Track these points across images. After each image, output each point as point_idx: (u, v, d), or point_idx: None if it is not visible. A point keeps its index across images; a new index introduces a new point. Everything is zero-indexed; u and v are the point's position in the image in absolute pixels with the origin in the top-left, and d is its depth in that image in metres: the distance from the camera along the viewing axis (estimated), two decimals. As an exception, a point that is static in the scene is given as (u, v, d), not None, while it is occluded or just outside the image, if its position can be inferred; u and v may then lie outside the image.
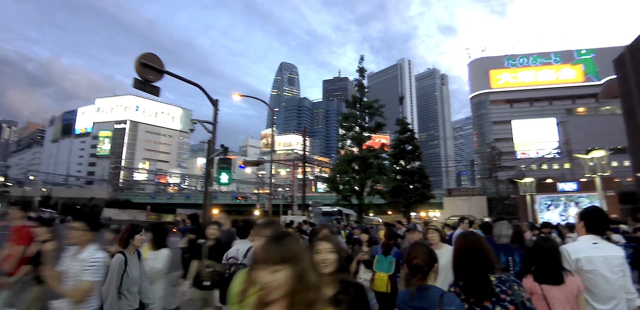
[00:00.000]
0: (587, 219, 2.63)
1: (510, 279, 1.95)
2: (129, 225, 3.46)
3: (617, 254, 2.49)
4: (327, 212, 23.13)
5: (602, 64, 70.88)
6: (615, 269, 2.41)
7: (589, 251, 2.45)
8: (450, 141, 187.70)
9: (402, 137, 26.03)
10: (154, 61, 9.32)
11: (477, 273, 1.93)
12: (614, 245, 2.75)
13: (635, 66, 33.62)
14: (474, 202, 41.40)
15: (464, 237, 2.13)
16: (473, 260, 1.97)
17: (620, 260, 2.47)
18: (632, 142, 34.44)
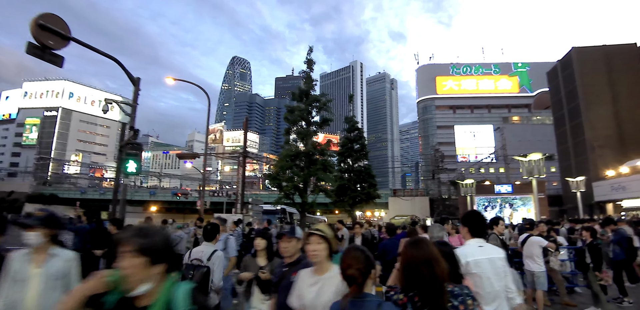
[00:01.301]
0: (470, 224, 2.71)
1: (463, 293, 1.79)
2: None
3: (500, 256, 2.59)
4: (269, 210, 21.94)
5: (535, 77, 77.02)
6: (499, 270, 2.51)
7: (476, 254, 2.51)
8: (397, 144, 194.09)
9: (350, 135, 25.57)
10: (57, 24, 7.63)
11: (431, 283, 1.72)
12: (497, 247, 2.78)
13: (565, 79, 36.27)
14: (418, 202, 42.44)
15: (414, 242, 1.88)
16: (426, 269, 1.74)
17: (503, 261, 2.58)
18: (560, 149, 37.17)
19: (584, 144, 32.43)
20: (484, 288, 2.44)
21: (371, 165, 26.95)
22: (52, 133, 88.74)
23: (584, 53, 34.51)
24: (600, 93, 32.47)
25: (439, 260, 1.79)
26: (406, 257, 1.84)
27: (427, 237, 4.84)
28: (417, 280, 1.75)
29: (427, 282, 1.73)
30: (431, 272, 1.74)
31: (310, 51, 18.72)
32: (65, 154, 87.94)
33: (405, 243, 1.94)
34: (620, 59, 33.11)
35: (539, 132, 61.53)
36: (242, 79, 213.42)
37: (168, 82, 14.85)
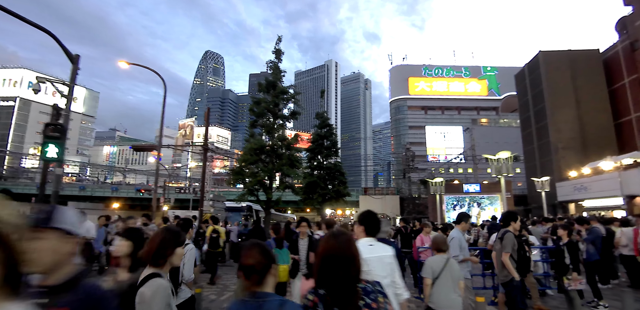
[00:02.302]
0: (366, 223, 2.78)
1: (375, 290, 1.72)
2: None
3: (388, 254, 2.68)
4: (234, 207, 20.90)
5: (503, 81, 79.46)
6: (386, 267, 2.62)
7: (366, 253, 2.43)
8: (370, 143, 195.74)
9: (320, 132, 24.84)
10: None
11: (345, 281, 1.63)
12: (385, 245, 2.80)
13: (532, 82, 37.14)
14: (388, 201, 42.37)
15: (334, 238, 1.75)
16: (342, 266, 1.64)
17: (390, 259, 2.67)
18: (526, 150, 38.06)
19: (549, 146, 33.29)
20: None
21: (341, 163, 26.34)
22: (8, 124, 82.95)
23: (550, 57, 35.42)
24: (564, 96, 33.39)
25: (356, 257, 1.69)
26: (322, 252, 1.72)
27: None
28: (331, 277, 1.64)
29: (340, 279, 1.63)
30: (346, 269, 1.65)
31: (279, 41, 17.79)
32: (23, 147, 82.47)
33: (324, 237, 1.81)
34: (584, 64, 34.19)
35: (505, 134, 63.33)
36: (215, 74, 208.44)
37: (121, 66, 13.57)
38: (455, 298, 3.60)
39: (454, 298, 3.60)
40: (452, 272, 3.67)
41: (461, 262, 4.91)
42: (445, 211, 27.75)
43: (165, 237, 1.96)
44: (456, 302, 3.60)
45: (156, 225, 9.33)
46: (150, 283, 1.84)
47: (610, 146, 31.00)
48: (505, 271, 4.50)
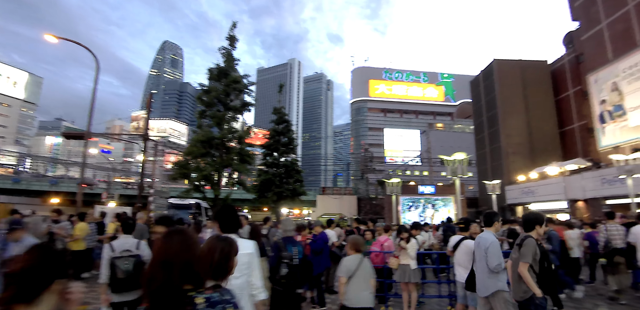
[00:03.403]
0: (221, 219, 2.65)
1: (223, 299, 1.46)
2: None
3: (247, 252, 2.50)
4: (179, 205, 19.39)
5: (459, 88, 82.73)
6: (242, 266, 2.42)
7: None
8: (331, 143, 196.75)
9: (277, 127, 23.84)
10: None
11: (170, 290, 1.35)
12: (246, 242, 2.60)
13: (486, 88, 38.45)
14: (346, 201, 42.14)
15: (167, 238, 1.49)
16: (175, 272, 1.37)
17: (248, 257, 2.50)
18: (478, 154, 39.35)
19: (500, 150, 34.57)
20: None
21: (298, 160, 25.48)
22: None
23: (503, 65, 36.86)
24: (515, 103, 34.86)
25: (196, 261, 1.45)
26: (154, 257, 1.45)
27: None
28: (159, 287, 1.34)
29: (169, 290, 1.35)
30: (182, 276, 1.37)
31: (234, 27, 16.53)
32: (-45, 135, 74.01)
33: (160, 236, 1.56)
34: (533, 74, 35.93)
35: (459, 139, 65.66)
36: (173, 66, 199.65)
37: (49, 40, 11.78)
38: (368, 295, 3.83)
39: (367, 295, 3.83)
40: (365, 270, 3.88)
41: (501, 271, 3.99)
42: (401, 212, 27.78)
43: (224, 248, 1.84)
44: (369, 299, 3.84)
45: (69, 221, 7.93)
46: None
47: (555, 152, 32.71)
48: (524, 286, 3.58)
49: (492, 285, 3.98)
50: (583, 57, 30.26)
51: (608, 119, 26.01)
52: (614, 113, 25.51)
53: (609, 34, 26.32)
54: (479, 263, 4.16)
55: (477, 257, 4.20)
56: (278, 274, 3.98)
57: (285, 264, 3.99)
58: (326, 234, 6.61)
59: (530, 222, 3.81)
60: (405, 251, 5.61)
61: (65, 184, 50.47)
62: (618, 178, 17.45)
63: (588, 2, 28.40)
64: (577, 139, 32.13)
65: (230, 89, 15.07)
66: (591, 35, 28.06)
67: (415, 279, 5.57)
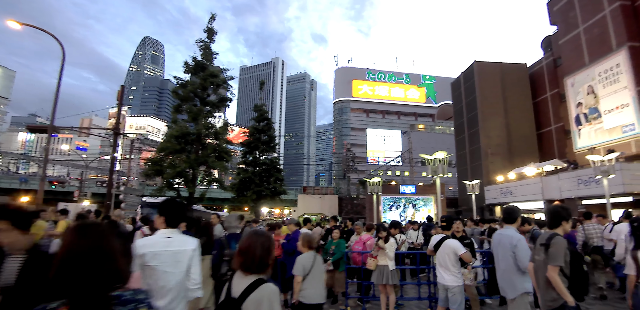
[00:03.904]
0: (166, 213, 2.55)
1: (137, 299, 1.35)
2: None
3: (187, 248, 2.47)
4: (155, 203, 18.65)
5: (440, 90, 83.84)
6: (181, 264, 2.41)
7: (158, 246, 2.38)
8: (314, 143, 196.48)
9: (258, 125, 23.30)
10: None
11: (92, 288, 1.25)
12: (189, 238, 2.58)
13: (466, 90, 38.87)
14: (327, 200, 41.91)
15: (78, 232, 1.37)
16: (87, 268, 1.27)
17: (189, 254, 2.47)
18: (458, 154, 39.74)
19: (479, 151, 34.98)
20: (157, 282, 2.30)
21: (278, 159, 25.02)
22: None
23: (483, 67, 37.35)
24: (494, 105, 35.35)
25: (111, 256, 1.33)
26: (62, 252, 1.32)
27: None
28: (74, 283, 1.24)
29: (82, 285, 1.24)
30: (95, 273, 1.27)
31: (212, 19, 15.92)
32: None
33: (67, 230, 1.44)
34: (513, 76, 36.55)
35: (440, 140, 66.42)
36: (153, 62, 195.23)
37: (11, 26, 10.98)
38: (322, 291, 3.93)
39: (322, 291, 3.91)
40: (319, 267, 3.95)
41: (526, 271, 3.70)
42: (382, 212, 27.69)
43: (264, 243, 1.91)
44: (323, 295, 3.92)
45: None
46: (264, 288, 1.81)
47: (533, 154, 33.34)
48: (554, 293, 3.01)
49: (520, 286, 3.70)
50: (561, 60, 30.90)
51: (584, 122, 26.60)
52: (590, 116, 26.10)
53: (585, 38, 26.92)
54: (504, 262, 3.82)
55: (501, 255, 3.87)
56: (219, 272, 3.93)
57: (227, 261, 3.91)
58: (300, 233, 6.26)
59: (556, 217, 3.23)
60: (384, 251, 5.31)
61: (36, 181, 48.39)
62: (593, 179, 17.76)
63: (566, 7, 28.99)
64: (554, 140, 32.82)
65: (207, 83, 14.47)
66: (569, 39, 28.66)
67: (393, 281, 5.26)
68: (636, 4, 24.19)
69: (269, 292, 1.80)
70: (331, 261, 5.84)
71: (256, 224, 7.88)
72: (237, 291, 1.83)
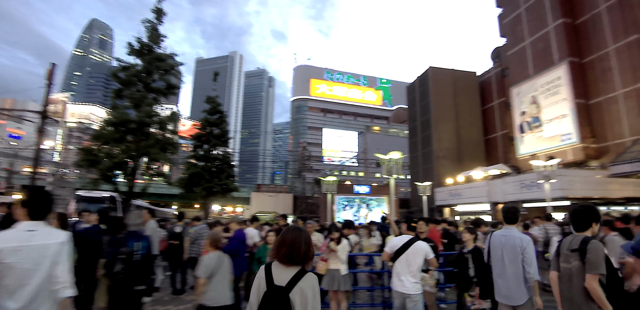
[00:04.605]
0: (30, 205, 2.29)
1: None
2: None
3: (53, 242, 2.25)
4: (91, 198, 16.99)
5: (395, 94, 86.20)
6: (45, 259, 2.18)
7: (16, 241, 2.13)
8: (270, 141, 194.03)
9: (210, 118, 22.07)
10: None
11: None
12: (59, 230, 2.37)
13: (421, 94, 39.96)
14: (281, 199, 41.12)
15: None
16: None
17: (56, 248, 2.24)
18: (412, 157, 40.75)
19: (431, 154, 36.08)
20: (15, 280, 2.08)
21: (230, 153, 23.94)
22: None
23: (437, 73, 38.63)
24: (446, 110, 36.66)
25: None
26: None
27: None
28: None
29: None
30: None
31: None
32: None
33: None
34: (463, 83, 38.17)
35: (394, 142, 68.04)
36: (101, 47, 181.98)
37: None
38: (229, 293, 3.80)
39: (228, 293, 3.79)
40: (225, 268, 3.85)
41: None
42: (335, 211, 27.53)
43: (307, 238, 2.08)
44: (229, 297, 3.81)
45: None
46: (309, 277, 1.97)
47: (480, 158, 34.95)
48: (594, 306, 2.57)
49: (527, 291, 3.50)
50: (508, 71, 32.60)
51: (527, 129, 28.21)
52: (532, 124, 27.72)
53: (531, 51, 28.57)
54: (511, 266, 3.57)
55: (508, 259, 3.60)
56: (113, 270, 3.81)
57: (121, 259, 3.79)
58: (244, 233, 5.62)
59: (585, 218, 2.78)
60: (335, 254, 4.84)
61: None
62: (535, 183, 18.72)
63: (515, 21, 30.63)
64: (499, 146, 34.61)
65: (152, 67, 13.19)
66: (515, 52, 30.29)
67: (345, 287, 4.79)
68: (577, 23, 26.01)
69: (312, 281, 1.97)
70: None
71: (198, 223, 7.12)
72: (281, 280, 1.95)
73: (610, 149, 22.53)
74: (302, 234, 2.07)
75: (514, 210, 3.79)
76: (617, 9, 23.01)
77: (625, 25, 22.48)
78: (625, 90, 22.22)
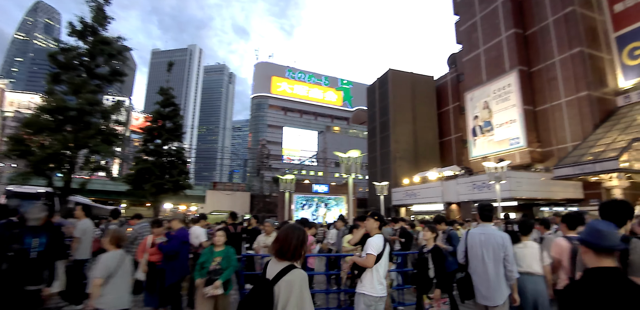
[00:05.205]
0: None
1: None
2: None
3: None
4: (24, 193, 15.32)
5: (356, 95, 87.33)
6: None
7: None
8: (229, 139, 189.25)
9: (163, 110, 20.77)
10: None
11: None
12: None
13: (380, 95, 40.60)
14: (238, 197, 40.08)
15: None
16: None
17: None
18: (370, 157, 41.26)
19: (389, 155, 36.72)
20: None
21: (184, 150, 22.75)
22: None
23: (397, 76, 39.44)
24: (404, 112, 37.52)
25: None
26: None
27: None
28: None
29: None
30: None
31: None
32: None
33: None
34: (421, 87, 39.30)
35: (353, 143, 68.73)
36: (46, 32, 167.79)
37: None
38: (127, 296, 3.55)
39: (126, 296, 3.54)
40: (126, 269, 3.59)
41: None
42: (294, 210, 27.13)
43: (300, 235, 2.15)
44: (127, 300, 3.54)
45: None
46: (295, 272, 2.03)
47: (435, 159, 36.08)
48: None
49: (505, 289, 3.46)
50: (463, 76, 33.89)
51: (479, 133, 29.43)
52: (484, 128, 28.97)
53: (484, 58, 29.86)
54: (495, 265, 3.48)
55: (488, 257, 3.52)
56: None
57: (9, 257, 3.50)
58: (187, 232, 5.06)
59: (620, 215, 2.44)
60: None
61: None
62: (486, 184, 19.46)
63: (470, 29, 31.90)
64: (453, 148, 35.93)
65: (96, 50, 11.99)
66: (470, 58, 31.55)
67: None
68: (527, 33, 27.52)
69: (299, 276, 2.02)
70: (222, 281, 3.99)
71: (139, 220, 6.42)
72: (271, 274, 2.03)
73: (554, 153, 24.04)
74: (295, 231, 2.14)
75: (490, 208, 3.71)
76: (563, 22, 24.59)
77: (570, 38, 24.08)
78: (568, 98, 23.79)
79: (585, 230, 1.75)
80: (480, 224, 3.74)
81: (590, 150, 19.17)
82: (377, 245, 3.65)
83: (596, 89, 22.94)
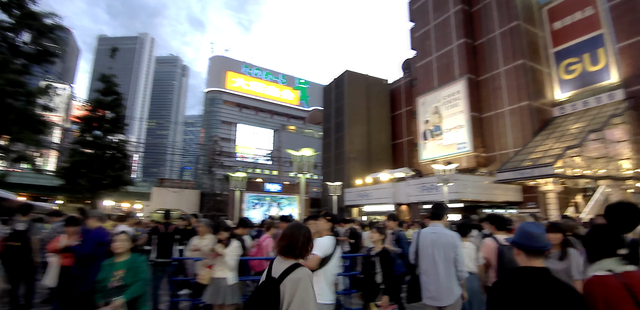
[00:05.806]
0: None
1: None
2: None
3: None
4: None
5: (312, 95, 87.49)
6: None
7: None
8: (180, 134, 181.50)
9: (104, 99, 19.15)
10: None
11: None
12: None
13: (336, 95, 40.83)
14: (187, 195, 38.24)
15: None
16: None
17: None
18: (324, 157, 41.34)
19: (343, 155, 36.99)
20: None
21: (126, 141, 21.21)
22: None
23: (352, 77, 39.92)
24: (359, 114, 38.04)
25: None
26: None
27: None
28: None
29: None
30: None
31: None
32: None
33: None
34: (376, 90, 40.13)
35: (309, 142, 68.64)
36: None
37: None
38: None
39: None
40: None
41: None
42: (245, 210, 26.35)
43: (306, 233, 2.18)
44: None
45: None
46: (300, 270, 2.03)
47: (387, 161, 36.89)
48: None
49: (456, 289, 3.44)
50: (416, 81, 34.96)
51: (429, 137, 30.47)
52: (434, 132, 30.04)
53: (436, 65, 31.00)
54: (446, 265, 3.44)
55: (440, 257, 3.46)
56: None
57: None
58: (106, 232, 4.41)
59: (631, 218, 2.29)
60: (222, 259, 3.96)
61: None
62: (435, 186, 20.06)
63: (424, 36, 33.00)
64: (404, 151, 36.96)
65: (22, 26, 10.62)
66: (423, 64, 32.64)
67: (232, 299, 3.93)
68: (476, 44, 28.93)
69: (305, 274, 2.03)
70: (125, 299, 3.06)
71: (58, 218, 5.63)
72: (276, 272, 2.05)
73: (497, 158, 25.45)
74: (301, 229, 2.17)
75: (441, 207, 3.71)
76: (509, 35, 26.12)
77: (514, 50, 25.63)
78: (511, 107, 25.29)
79: (517, 232, 1.87)
80: (431, 223, 3.70)
81: (529, 157, 20.46)
82: (325, 246, 3.34)
83: (536, 99, 24.60)
